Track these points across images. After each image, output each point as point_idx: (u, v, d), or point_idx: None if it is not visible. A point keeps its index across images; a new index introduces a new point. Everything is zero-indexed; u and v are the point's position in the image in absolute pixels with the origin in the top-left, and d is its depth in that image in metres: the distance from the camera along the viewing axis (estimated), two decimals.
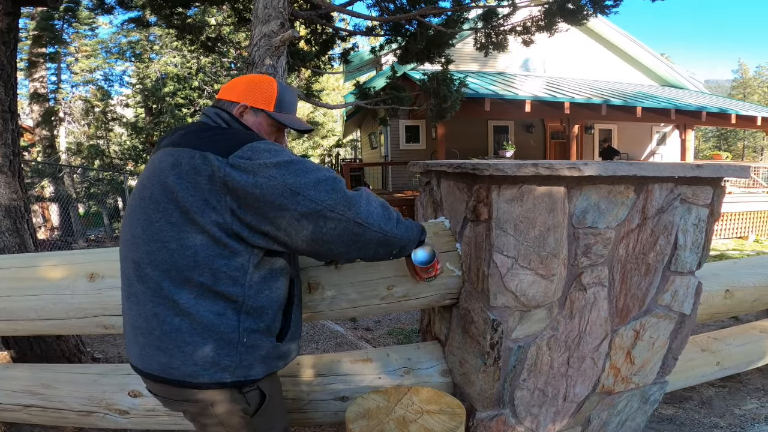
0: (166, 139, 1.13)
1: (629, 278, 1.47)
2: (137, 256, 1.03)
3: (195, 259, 0.98)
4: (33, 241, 2.70)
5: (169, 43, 14.17)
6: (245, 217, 0.98)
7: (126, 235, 1.09)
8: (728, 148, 27.86)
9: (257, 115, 1.16)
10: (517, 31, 4.83)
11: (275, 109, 1.17)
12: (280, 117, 1.17)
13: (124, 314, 1.11)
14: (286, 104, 1.20)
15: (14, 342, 2.49)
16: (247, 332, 1.02)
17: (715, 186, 1.51)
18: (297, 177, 0.98)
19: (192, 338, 0.99)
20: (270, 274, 1.07)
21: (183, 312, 0.99)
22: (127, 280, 1.07)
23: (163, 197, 1.00)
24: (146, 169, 1.11)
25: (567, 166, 1.25)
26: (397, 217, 1.12)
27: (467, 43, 9.15)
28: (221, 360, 1.00)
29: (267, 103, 1.16)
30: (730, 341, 2.24)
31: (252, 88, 1.17)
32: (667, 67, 13.16)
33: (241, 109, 1.15)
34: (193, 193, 0.97)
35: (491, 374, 1.42)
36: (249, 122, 1.15)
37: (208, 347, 1.00)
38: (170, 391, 1.05)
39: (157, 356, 1.02)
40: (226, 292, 1.00)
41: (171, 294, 0.99)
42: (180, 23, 4.74)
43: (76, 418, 1.59)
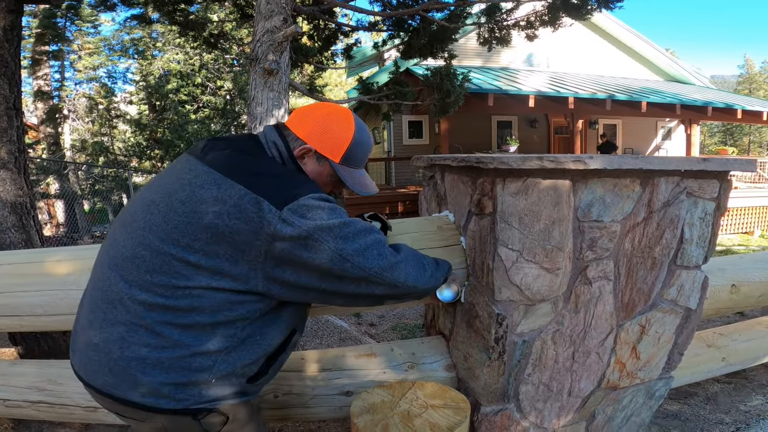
0: (208, 150, 0.99)
1: (635, 272, 1.46)
2: (129, 272, 0.92)
3: (199, 303, 0.90)
4: (39, 237, 2.72)
5: (171, 40, 14.18)
6: (281, 275, 0.92)
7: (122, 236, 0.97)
8: (734, 144, 27.64)
9: (320, 162, 1.05)
10: (521, 26, 4.80)
11: (342, 161, 1.06)
12: (344, 174, 1.07)
13: (79, 314, 1.01)
14: (357, 159, 1.09)
15: (21, 338, 2.52)
16: (219, 375, 0.94)
17: (722, 180, 1.50)
18: (347, 242, 0.93)
19: (154, 372, 0.90)
20: (270, 322, 0.99)
21: (159, 346, 0.89)
22: (102, 286, 0.96)
23: (188, 229, 0.89)
24: (173, 175, 0.97)
25: (572, 159, 1.24)
26: (432, 270, 1.13)
27: (470, 39, 9.12)
28: (177, 394, 0.91)
29: (335, 153, 1.05)
30: (736, 337, 2.22)
31: (325, 129, 1.04)
32: (672, 63, 13.07)
33: (304, 151, 1.04)
34: (230, 240, 0.88)
35: (496, 369, 1.42)
36: (308, 168, 1.05)
37: (168, 385, 0.90)
38: (114, 406, 0.95)
39: (105, 376, 0.92)
40: (218, 336, 0.92)
41: (154, 326, 0.89)
42: (183, 20, 4.73)
43: (83, 414, 1.60)
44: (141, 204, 0.98)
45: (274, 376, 1.10)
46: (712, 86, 13.90)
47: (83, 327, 0.98)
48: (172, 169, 1.01)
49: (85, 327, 0.97)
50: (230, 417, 1.00)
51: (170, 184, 0.96)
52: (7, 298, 1.47)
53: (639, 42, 12.40)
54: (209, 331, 0.91)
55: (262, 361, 1.02)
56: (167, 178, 0.99)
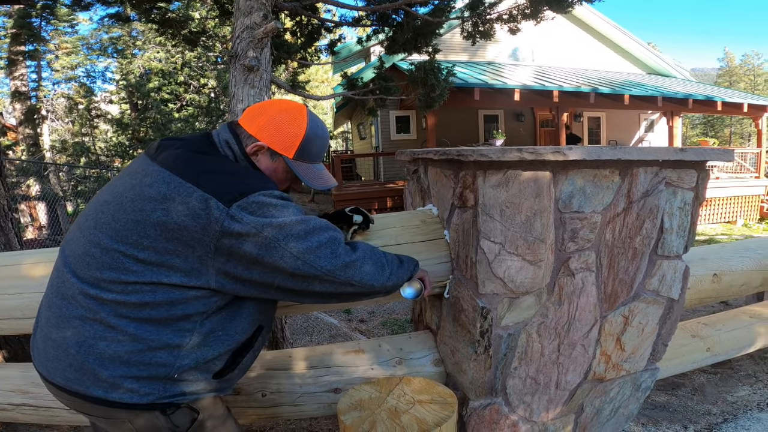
0: (161, 150, 0.98)
1: (617, 263, 1.48)
2: (81, 269, 0.93)
3: (152, 298, 0.90)
4: (18, 239, 2.66)
5: (151, 39, 13.94)
6: (233, 270, 0.92)
7: (76, 236, 0.97)
8: (715, 135, 28.15)
9: (274, 159, 1.05)
10: (504, 20, 4.81)
11: (296, 156, 1.05)
12: (299, 169, 1.06)
13: (38, 313, 1.01)
14: (312, 154, 1.08)
15: (5, 342, 2.47)
16: (181, 370, 0.94)
17: (700, 169, 1.52)
18: (298, 241, 0.92)
19: (112, 366, 0.90)
20: (231, 317, 0.99)
21: (115, 340, 0.89)
22: (57, 284, 0.96)
23: (136, 227, 0.89)
24: (126, 176, 0.98)
25: (551, 151, 1.24)
26: (393, 268, 1.10)
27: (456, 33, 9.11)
28: (141, 388, 0.91)
29: (288, 148, 1.04)
30: (720, 327, 2.23)
31: (276, 126, 1.03)
32: (654, 56, 13.24)
33: (256, 149, 1.02)
34: (179, 236, 0.88)
35: (482, 363, 1.42)
36: (262, 165, 1.04)
37: (129, 379, 0.90)
38: (78, 403, 0.95)
39: (65, 371, 0.92)
40: (176, 330, 0.92)
41: (108, 319, 0.90)
42: (160, 18, 4.64)
43: (69, 416, 1.57)
44: (95, 204, 0.98)
45: (243, 372, 1.10)
46: (692, 79, 14.11)
47: (42, 325, 0.98)
48: (127, 170, 1.01)
49: (43, 325, 0.97)
50: (201, 413, 1.00)
51: (122, 184, 0.96)
52: None
53: (621, 36, 12.55)
54: (166, 325, 0.92)
55: (227, 356, 1.01)
56: (121, 179, 0.99)
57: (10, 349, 2.47)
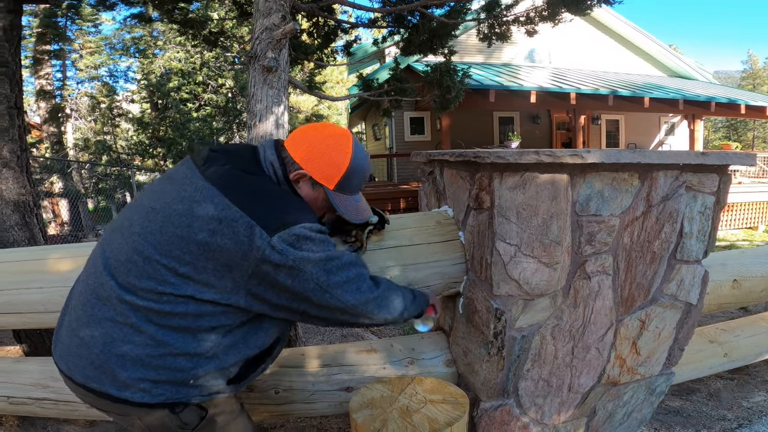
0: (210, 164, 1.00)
1: (634, 267, 1.46)
2: (121, 274, 0.96)
3: (184, 309, 0.94)
4: (42, 235, 2.73)
5: (172, 39, 14.20)
6: (263, 294, 0.96)
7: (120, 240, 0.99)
8: (738, 139, 27.47)
9: (315, 188, 1.08)
10: (521, 22, 4.77)
11: (336, 188, 1.08)
12: (338, 201, 1.09)
13: (67, 308, 1.05)
14: (351, 186, 1.11)
15: (26, 336, 2.53)
16: (197, 376, 0.98)
17: (722, 173, 1.49)
18: (329, 275, 0.98)
19: (133, 368, 0.94)
20: (253, 331, 1.03)
21: (141, 343, 0.93)
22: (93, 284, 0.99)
23: (181, 242, 0.92)
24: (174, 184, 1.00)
25: (569, 154, 1.23)
26: (407, 304, 1.17)
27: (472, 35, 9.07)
28: (153, 389, 0.95)
29: (330, 180, 1.07)
30: (739, 332, 2.20)
31: (321, 155, 1.05)
32: (676, 58, 12.98)
33: (299, 176, 1.06)
34: (219, 257, 0.92)
35: (495, 364, 1.42)
36: (303, 192, 1.07)
37: (146, 381, 0.94)
38: (92, 398, 0.99)
39: (86, 369, 0.96)
40: (199, 339, 0.96)
41: (138, 324, 0.93)
42: (182, 18, 4.73)
43: (87, 411, 1.60)
44: (140, 210, 1.01)
45: (254, 378, 1.15)
46: (715, 82, 13.79)
47: (70, 320, 1.02)
48: (173, 177, 1.03)
49: (72, 320, 1.00)
50: (212, 409, 1.04)
51: (170, 193, 0.99)
52: (9, 296, 1.48)
53: (641, 38, 12.32)
54: (191, 334, 0.96)
55: (242, 363, 1.05)
56: (168, 187, 1.01)
57: (30, 344, 2.53)
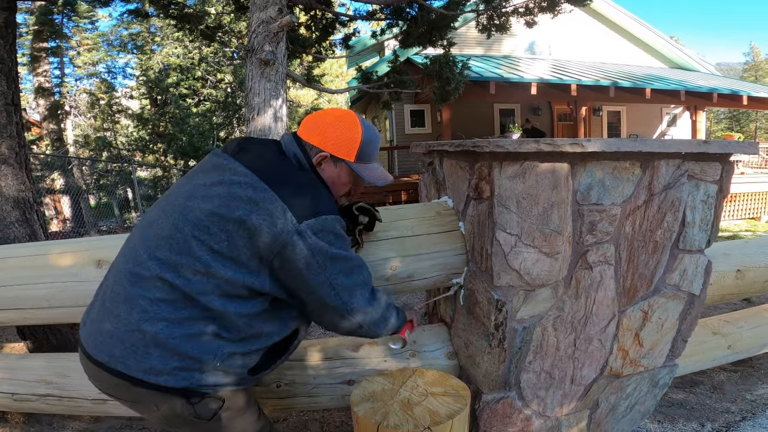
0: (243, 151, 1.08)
1: (636, 256, 1.45)
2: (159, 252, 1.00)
3: (215, 288, 0.98)
4: (43, 231, 2.72)
5: (170, 34, 14.14)
6: (282, 276, 1.01)
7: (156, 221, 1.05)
8: (740, 130, 27.31)
9: (337, 165, 1.14)
10: (520, 13, 4.74)
11: (357, 159, 1.14)
12: (361, 170, 1.15)
13: (101, 286, 1.08)
14: (369, 155, 1.17)
15: (30, 333, 2.53)
16: (223, 359, 1.02)
17: (724, 162, 1.47)
18: (341, 276, 1.04)
19: (163, 348, 0.97)
20: (273, 318, 1.08)
21: (174, 320, 0.97)
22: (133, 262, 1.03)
23: (219, 220, 0.98)
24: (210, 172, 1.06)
25: (569, 143, 1.22)
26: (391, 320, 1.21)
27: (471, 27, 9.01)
28: (179, 372, 0.98)
29: (349, 153, 1.13)
30: (742, 324, 2.19)
31: (336, 135, 1.12)
32: (677, 50, 12.89)
33: (321, 159, 1.12)
34: (251, 236, 0.97)
35: (496, 356, 1.41)
36: (327, 172, 1.14)
37: (174, 364, 0.98)
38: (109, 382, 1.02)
39: (113, 348, 0.99)
40: (226, 322, 1.00)
41: (174, 302, 0.98)
42: (178, 13, 4.70)
43: (91, 407, 1.61)
44: (178, 196, 1.07)
45: (273, 370, 1.18)
46: (717, 73, 13.68)
47: (104, 300, 1.04)
48: (205, 167, 1.10)
49: (106, 300, 1.03)
50: (226, 403, 1.06)
51: (209, 178, 1.05)
52: (12, 291, 1.48)
53: (642, 29, 12.22)
54: (220, 317, 1.00)
55: (263, 353, 1.09)
56: (203, 175, 1.08)
57: (34, 340, 2.53)
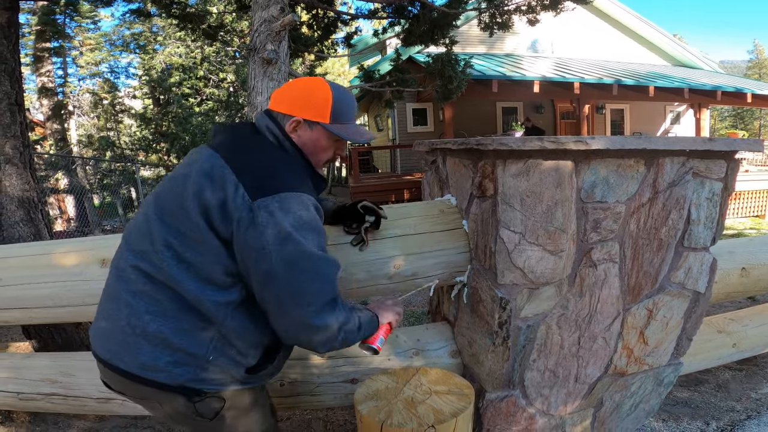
0: (215, 135, 1.08)
1: (641, 254, 1.44)
2: (134, 243, 1.01)
3: (187, 273, 0.95)
4: (48, 230, 2.73)
5: (172, 34, 14.15)
6: (241, 256, 0.95)
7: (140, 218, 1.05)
8: (745, 128, 27.19)
9: (313, 128, 1.06)
10: (522, 11, 4.73)
11: (332, 120, 1.06)
12: (338, 130, 1.07)
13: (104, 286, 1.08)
14: (344, 113, 1.08)
15: (35, 332, 2.53)
16: (215, 354, 0.98)
17: (729, 159, 1.47)
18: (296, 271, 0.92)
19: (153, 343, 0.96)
20: (256, 310, 1.00)
21: (158, 314, 0.96)
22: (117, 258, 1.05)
23: (177, 199, 0.97)
24: (186, 160, 1.06)
25: (573, 140, 1.21)
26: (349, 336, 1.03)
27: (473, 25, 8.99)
28: (174, 369, 0.97)
29: (322, 115, 1.05)
30: (747, 322, 2.18)
31: (305, 98, 1.05)
32: (680, 47, 12.84)
33: (294, 125, 1.05)
34: (209, 213, 0.94)
35: (500, 354, 1.41)
36: (304, 139, 1.06)
37: (167, 356, 0.96)
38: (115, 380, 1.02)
39: (111, 344, 0.99)
40: (212, 313, 0.96)
41: (153, 294, 0.97)
42: (180, 13, 4.71)
43: (96, 406, 1.61)
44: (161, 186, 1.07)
45: (277, 371, 1.13)
46: (721, 71, 13.62)
47: (103, 298, 1.06)
48: (188, 157, 1.09)
49: (104, 298, 1.05)
50: (228, 402, 1.03)
51: (183, 167, 1.05)
52: (17, 291, 1.48)
53: (645, 27, 12.18)
54: (198, 306, 0.96)
55: (260, 352, 1.04)
56: (183, 165, 1.07)
57: (40, 339, 2.54)
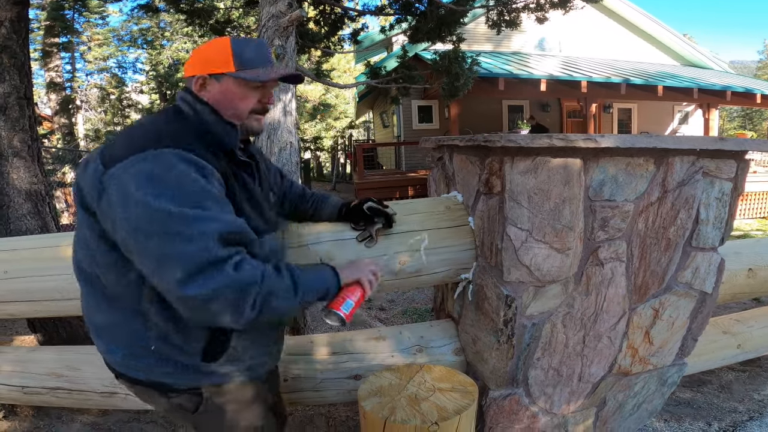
0: None
1: (648, 254, 1.43)
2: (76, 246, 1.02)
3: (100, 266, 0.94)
4: (55, 223, 2.75)
5: (179, 30, 14.19)
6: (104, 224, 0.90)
7: None
8: (753, 128, 26.96)
9: (221, 80, 0.99)
10: (530, 9, 4.70)
11: (238, 67, 0.99)
12: (247, 75, 0.99)
13: None
14: (251, 59, 1.01)
15: (40, 325, 2.54)
16: (155, 343, 0.96)
17: (739, 159, 1.45)
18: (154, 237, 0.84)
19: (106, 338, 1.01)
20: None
21: (98, 309, 1.00)
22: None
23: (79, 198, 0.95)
24: None
25: (583, 138, 1.20)
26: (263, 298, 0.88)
27: (480, 23, 8.94)
28: (131, 362, 1.00)
29: (226, 65, 0.98)
30: (752, 323, 2.17)
31: (205, 55, 1.00)
32: (690, 47, 12.72)
33: (200, 83, 0.99)
34: (89, 199, 0.91)
35: (504, 352, 1.41)
36: (213, 93, 0.99)
37: (121, 352, 1.00)
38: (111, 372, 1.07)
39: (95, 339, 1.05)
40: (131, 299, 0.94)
41: (93, 293, 0.99)
42: (188, 8, 4.72)
43: (100, 400, 1.62)
44: None
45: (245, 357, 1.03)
46: (731, 71, 13.49)
47: None
48: None
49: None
50: (207, 397, 1.01)
51: None
52: (24, 283, 1.47)
53: (654, 26, 12.07)
54: (122, 295, 0.95)
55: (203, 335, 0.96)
56: None
57: (45, 333, 2.54)
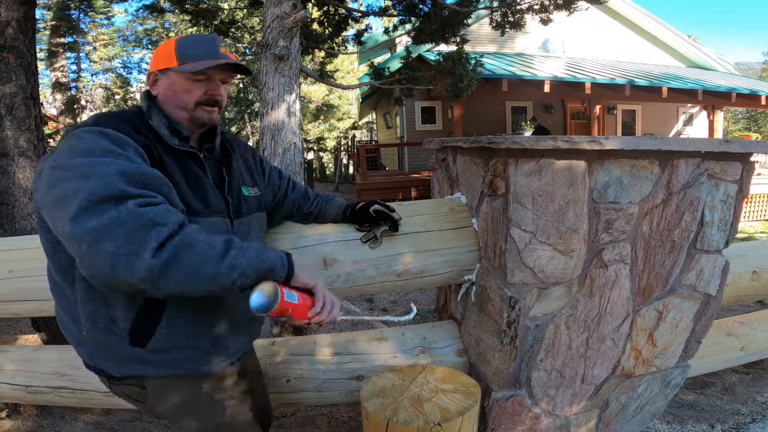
0: None
1: (653, 256, 1.43)
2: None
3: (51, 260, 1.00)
4: None
5: (184, 30, 14.25)
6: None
7: None
8: (758, 130, 26.87)
9: (167, 75, 1.05)
10: (535, 10, 4.69)
11: (180, 62, 1.04)
12: (186, 67, 1.03)
13: None
14: (194, 54, 1.05)
15: (44, 324, 2.55)
16: (87, 326, 0.98)
17: (744, 162, 1.45)
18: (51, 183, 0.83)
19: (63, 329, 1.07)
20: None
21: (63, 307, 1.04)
22: None
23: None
24: None
25: (587, 140, 1.20)
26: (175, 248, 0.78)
27: (484, 24, 8.96)
28: (81, 351, 1.05)
29: (169, 60, 1.05)
30: (756, 326, 2.17)
31: (156, 54, 1.09)
32: (695, 49, 12.68)
33: (153, 79, 1.07)
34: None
35: (507, 353, 1.41)
36: (161, 88, 1.06)
37: (75, 342, 1.05)
38: None
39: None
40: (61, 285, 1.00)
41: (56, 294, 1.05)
42: (193, 9, 4.74)
43: (103, 399, 1.62)
44: None
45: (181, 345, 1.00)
46: (736, 72, 13.43)
47: None
48: None
49: None
50: (149, 390, 1.04)
51: None
52: (29, 282, 1.48)
53: (659, 27, 12.04)
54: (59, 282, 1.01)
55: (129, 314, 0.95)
56: None
57: (49, 332, 2.55)
